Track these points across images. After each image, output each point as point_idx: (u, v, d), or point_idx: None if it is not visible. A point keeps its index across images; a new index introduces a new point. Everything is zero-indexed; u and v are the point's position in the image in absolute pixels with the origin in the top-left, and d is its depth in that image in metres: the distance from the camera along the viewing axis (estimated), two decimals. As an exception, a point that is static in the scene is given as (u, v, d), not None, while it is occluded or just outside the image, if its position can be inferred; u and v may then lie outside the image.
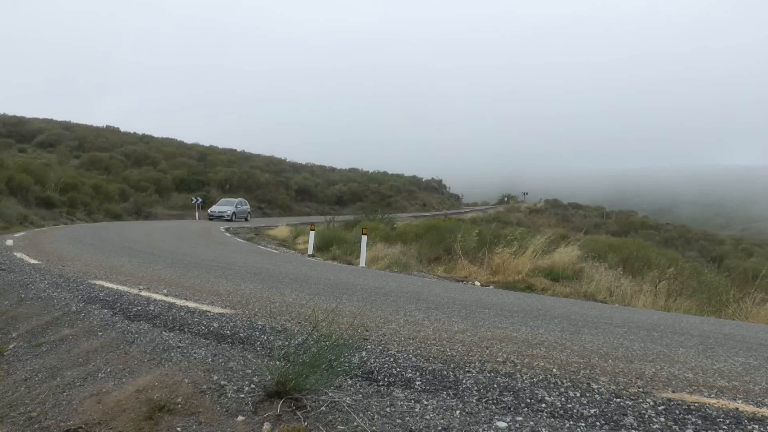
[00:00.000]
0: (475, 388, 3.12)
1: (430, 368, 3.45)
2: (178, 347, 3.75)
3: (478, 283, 10.72)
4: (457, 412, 2.78)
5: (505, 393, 3.06)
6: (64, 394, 3.30)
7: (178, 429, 2.70)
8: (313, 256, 15.04)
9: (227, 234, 21.12)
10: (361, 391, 3.04)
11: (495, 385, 3.17)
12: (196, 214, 32.64)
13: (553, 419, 2.72)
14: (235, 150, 58.22)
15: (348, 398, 2.90)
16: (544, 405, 2.90)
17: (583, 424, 2.67)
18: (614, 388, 3.24)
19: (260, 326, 4.36)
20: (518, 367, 3.58)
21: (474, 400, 2.94)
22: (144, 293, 5.56)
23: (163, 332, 4.12)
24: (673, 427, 2.67)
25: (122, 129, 57.68)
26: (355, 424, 2.60)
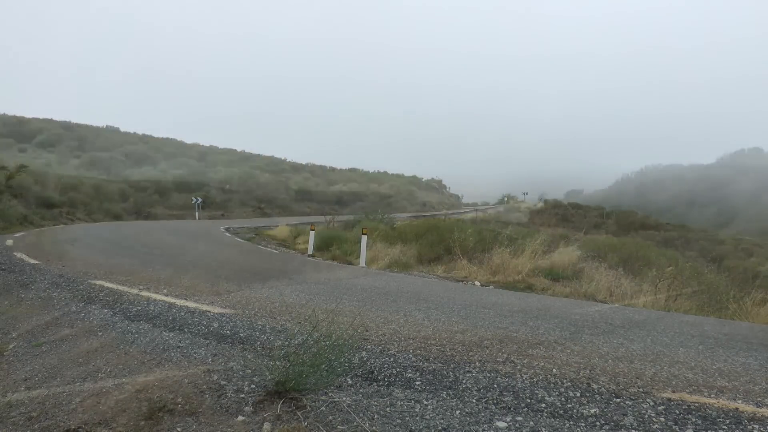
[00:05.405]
0: (475, 388, 3.12)
1: (430, 368, 3.45)
2: (178, 347, 3.74)
3: (478, 283, 10.72)
4: (457, 412, 2.78)
5: (505, 393, 3.06)
6: (64, 394, 3.30)
7: (178, 429, 2.70)
8: (313, 256, 15.03)
9: (227, 234, 21.13)
10: (361, 391, 3.04)
11: (495, 385, 3.17)
12: (196, 214, 32.65)
13: (553, 419, 2.72)
14: (235, 150, 58.33)
15: (348, 398, 2.90)
16: (544, 405, 2.90)
17: (583, 424, 2.67)
18: (614, 388, 3.23)
19: (260, 326, 4.35)
20: (518, 367, 3.58)
21: (474, 400, 2.94)
22: (144, 293, 5.56)
23: (163, 332, 4.12)
24: (673, 427, 2.67)
25: (122, 129, 57.77)
26: (355, 424, 2.60)
